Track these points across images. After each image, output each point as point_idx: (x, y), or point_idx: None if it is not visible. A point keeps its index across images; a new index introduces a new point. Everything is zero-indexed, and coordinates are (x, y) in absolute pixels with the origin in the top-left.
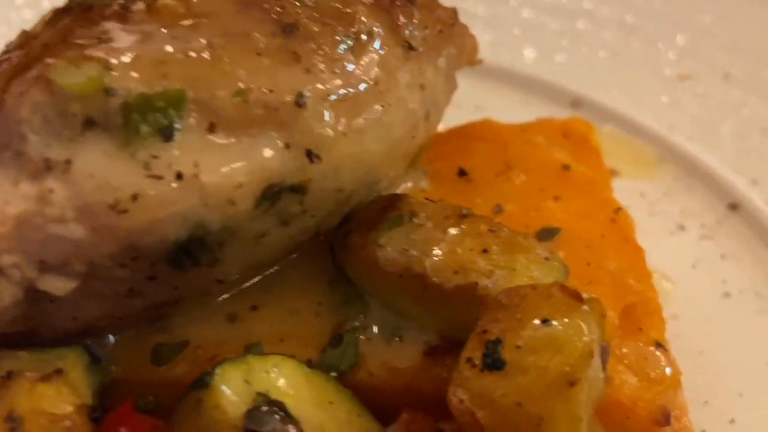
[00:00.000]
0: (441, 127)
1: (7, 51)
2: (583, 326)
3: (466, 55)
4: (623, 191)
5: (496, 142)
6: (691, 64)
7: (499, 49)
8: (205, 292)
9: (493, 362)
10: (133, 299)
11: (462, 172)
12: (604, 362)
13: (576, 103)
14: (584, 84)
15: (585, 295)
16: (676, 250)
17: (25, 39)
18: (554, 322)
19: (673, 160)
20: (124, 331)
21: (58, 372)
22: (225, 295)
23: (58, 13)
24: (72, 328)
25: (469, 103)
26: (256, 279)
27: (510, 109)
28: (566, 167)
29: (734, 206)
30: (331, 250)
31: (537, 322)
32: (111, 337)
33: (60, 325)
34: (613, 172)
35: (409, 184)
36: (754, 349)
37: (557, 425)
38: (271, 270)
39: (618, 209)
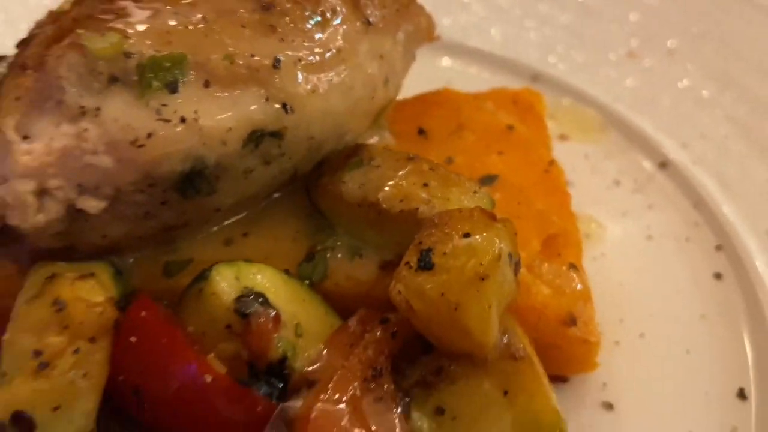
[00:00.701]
0: (407, 95)
1: (38, 26)
2: (495, 239)
3: (423, 32)
4: (570, 153)
5: (451, 107)
6: (639, 42)
7: (470, 29)
8: (205, 220)
9: (425, 264)
10: (149, 221)
11: (421, 131)
12: (516, 271)
13: (535, 77)
14: (543, 61)
15: (499, 217)
16: (610, 201)
17: (54, 16)
18: (473, 235)
19: (615, 126)
20: (140, 251)
21: (91, 274)
22: (222, 224)
23: None
24: (101, 244)
25: (440, 78)
26: (246, 212)
27: (477, 82)
28: (510, 127)
29: (663, 165)
30: (306, 190)
31: (460, 235)
32: (130, 257)
33: (91, 241)
34: (563, 137)
35: (376, 139)
36: (666, 279)
37: (470, 310)
38: (259, 206)
39: (551, 162)
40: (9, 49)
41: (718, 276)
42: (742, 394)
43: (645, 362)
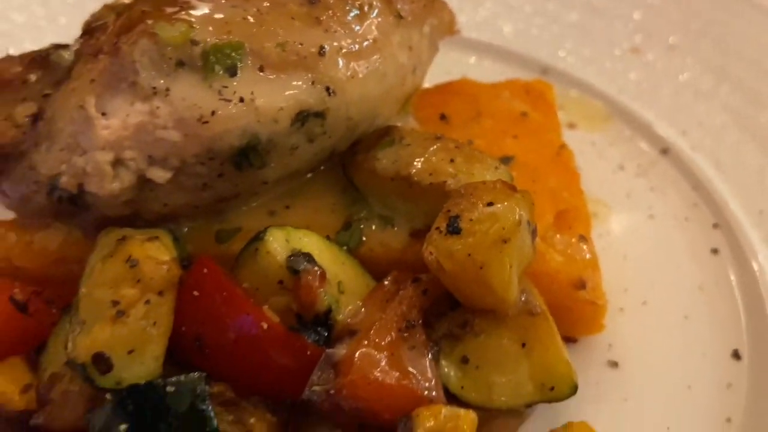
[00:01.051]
0: (429, 84)
1: (97, 18)
2: (516, 207)
3: (446, 25)
4: (578, 140)
5: (470, 95)
6: (642, 39)
7: (485, 25)
8: (253, 192)
9: (453, 229)
10: (206, 192)
11: (443, 117)
12: (533, 237)
13: (544, 70)
14: (552, 55)
15: (519, 189)
16: (615, 184)
17: (119, 8)
18: (496, 204)
19: (619, 116)
20: (195, 220)
21: (156, 237)
22: (267, 197)
23: None
24: (161, 213)
25: (458, 69)
26: (288, 186)
27: (491, 74)
28: (524, 114)
29: (665, 151)
30: (343, 166)
31: (484, 203)
32: (185, 226)
33: (154, 209)
34: (571, 126)
35: (401, 124)
36: (666, 254)
37: (494, 269)
38: (300, 181)
39: (562, 146)
40: (45, 43)
41: (714, 251)
42: (736, 355)
43: (647, 326)
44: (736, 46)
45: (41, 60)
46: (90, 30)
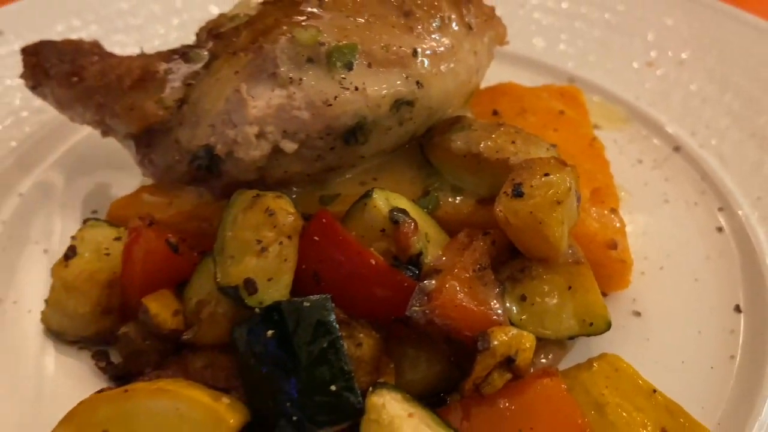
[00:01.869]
0: (483, 85)
1: (218, 25)
2: (567, 177)
3: (500, 37)
4: (602, 138)
5: (515, 96)
6: (657, 54)
7: (522, 40)
8: (351, 164)
9: (517, 193)
10: (318, 162)
11: (495, 112)
12: (578, 202)
13: (571, 79)
14: (578, 66)
15: (569, 164)
16: (634, 174)
17: (228, 18)
18: (551, 175)
19: (637, 119)
20: (303, 186)
21: (281, 196)
22: (359, 170)
23: (266, 4)
24: (280, 178)
25: (502, 76)
26: (376, 162)
27: (528, 81)
28: (561, 112)
29: (677, 148)
30: (420, 147)
31: (541, 174)
32: (294, 191)
33: (276, 175)
34: (596, 126)
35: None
36: (680, 231)
37: (549, 224)
38: (385, 158)
39: (593, 139)
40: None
41: (719, 229)
42: (737, 309)
43: (664, 286)
44: (736, 60)
45: (181, 56)
46: (219, 34)
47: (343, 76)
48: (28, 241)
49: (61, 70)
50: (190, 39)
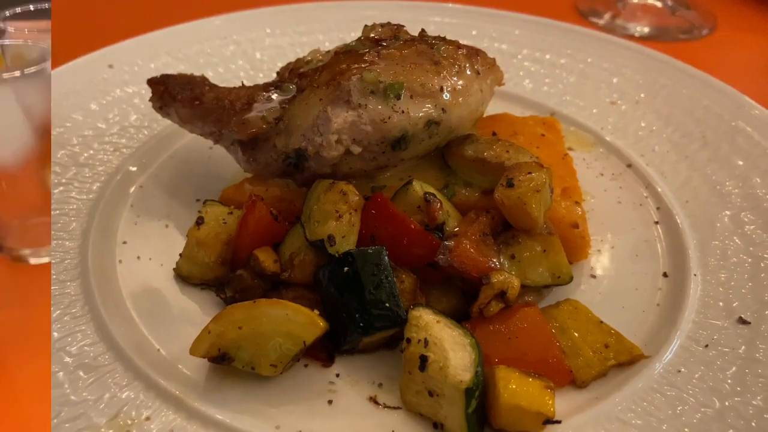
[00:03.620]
0: (485, 114)
1: (297, 66)
2: (543, 174)
3: (498, 79)
4: (575, 157)
5: (509, 123)
6: (618, 96)
7: (512, 82)
8: (394, 165)
9: (510, 185)
10: (372, 162)
11: (494, 133)
12: (551, 193)
13: (552, 113)
14: (558, 103)
15: (545, 166)
16: (597, 183)
17: (302, 62)
18: (533, 173)
19: (602, 143)
20: (358, 179)
21: (349, 183)
22: (398, 170)
23: (338, 53)
24: (346, 173)
25: (499, 108)
26: (410, 164)
27: (519, 112)
28: (543, 135)
29: (630, 165)
30: (442, 155)
31: (526, 172)
32: (351, 183)
33: (343, 170)
34: (570, 149)
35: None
36: (628, 222)
37: (531, 206)
38: (415, 162)
39: (566, 154)
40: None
41: (657, 222)
42: (665, 275)
43: (614, 259)
44: (677, 102)
45: (276, 87)
46: (302, 74)
47: (394, 103)
48: (152, 218)
49: (185, 95)
50: (258, 76)
